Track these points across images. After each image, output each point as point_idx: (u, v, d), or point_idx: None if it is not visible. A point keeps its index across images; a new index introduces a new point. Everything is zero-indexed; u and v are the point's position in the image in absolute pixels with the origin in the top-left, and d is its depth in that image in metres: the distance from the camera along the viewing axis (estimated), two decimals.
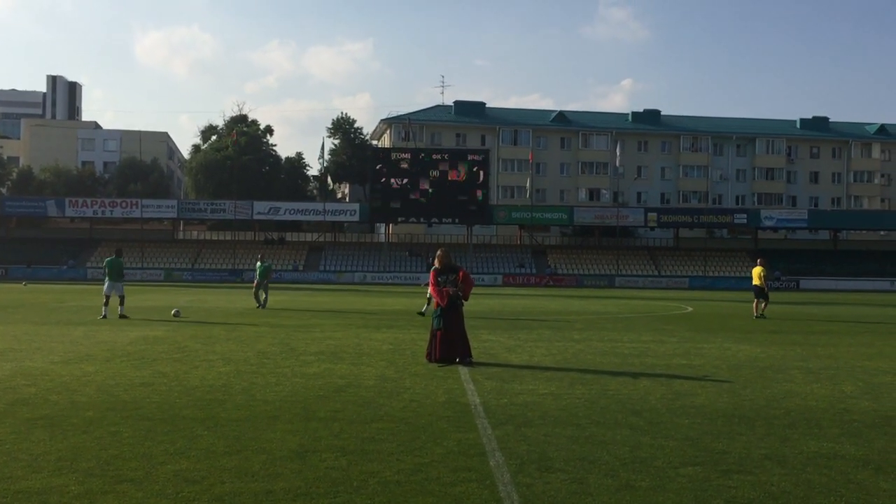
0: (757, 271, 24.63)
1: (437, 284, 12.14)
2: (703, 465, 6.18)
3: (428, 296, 23.41)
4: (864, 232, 75.59)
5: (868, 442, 7.13)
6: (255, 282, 25.53)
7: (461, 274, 12.22)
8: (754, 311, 24.50)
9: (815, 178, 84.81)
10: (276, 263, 64.79)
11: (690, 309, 29.53)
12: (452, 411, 8.15)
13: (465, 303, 12.24)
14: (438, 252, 12.54)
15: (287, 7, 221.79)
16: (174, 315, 20.78)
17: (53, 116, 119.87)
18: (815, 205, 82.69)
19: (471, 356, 12.05)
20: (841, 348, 15.36)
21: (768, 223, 67.74)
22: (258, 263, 25.73)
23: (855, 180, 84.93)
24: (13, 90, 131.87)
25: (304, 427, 7.29)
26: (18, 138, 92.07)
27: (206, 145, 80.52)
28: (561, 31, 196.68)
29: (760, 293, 24.44)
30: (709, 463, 6.26)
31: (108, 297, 20.22)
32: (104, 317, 19.91)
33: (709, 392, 9.65)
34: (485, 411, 8.17)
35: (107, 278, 20.45)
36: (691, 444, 6.89)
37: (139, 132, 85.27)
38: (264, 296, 25.09)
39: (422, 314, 22.55)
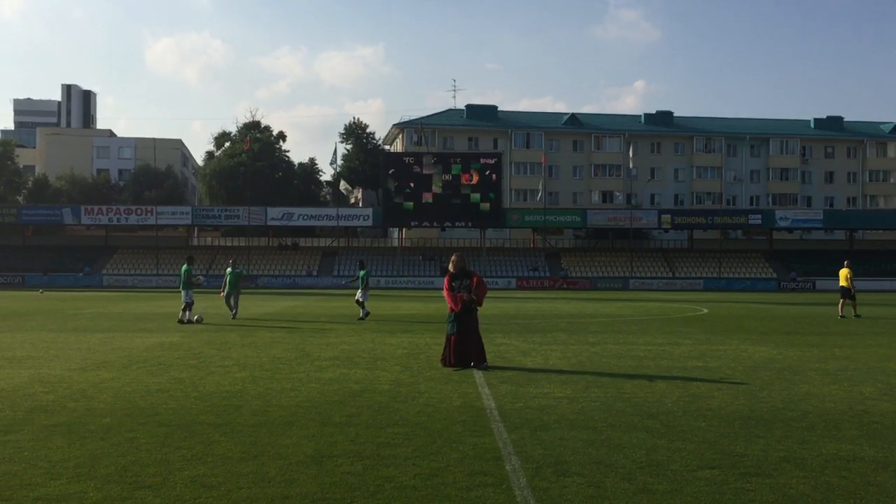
0: (844, 273, 25.43)
1: (451, 289, 12.11)
2: (721, 468, 6.15)
3: (356, 299, 23.25)
4: (880, 231, 74.96)
5: (888, 444, 7.07)
6: (225, 290, 23.02)
7: (475, 279, 12.19)
8: (840, 311, 25.27)
9: (829, 177, 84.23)
10: (290, 269, 65.13)
11: (705, 311, 29.38)
12: (468, 415, 8.15)
13: (479, 308, 12.22)
14: (453, 257, 12.50)
15: (297, 13, 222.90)
16: (196, 321, 20.95)
17: (69, 125, 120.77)
18: (831, 205, 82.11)
19: (486, 360, 12.04)
20: (859, 349, 15.24)
21: (783, 224, 67.31)
22: (228, 269, 23.35)
23: (870, 179, 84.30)
24: (28, 99, 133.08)
25: (320, 432, 7.31)
26: (34, 147, 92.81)
27: (219, 152, 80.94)
28: (571, 33, 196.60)
29: (847, 294, 25.19)
30: (726, 466, 6.22)
31: (187, 304, 21.17)
32: (189, 321, 20.81)
33: (725, 394, 9.60)
34: (500, 415, 8.16)
35: (181, 285, 21.52)
36: (708, 446, 6.85)
37: (153, 140, 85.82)
38: (234, 304, 22.89)
39: (362, 319, 22.49)
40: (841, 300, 25.49)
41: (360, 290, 23.15)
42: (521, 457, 6.43)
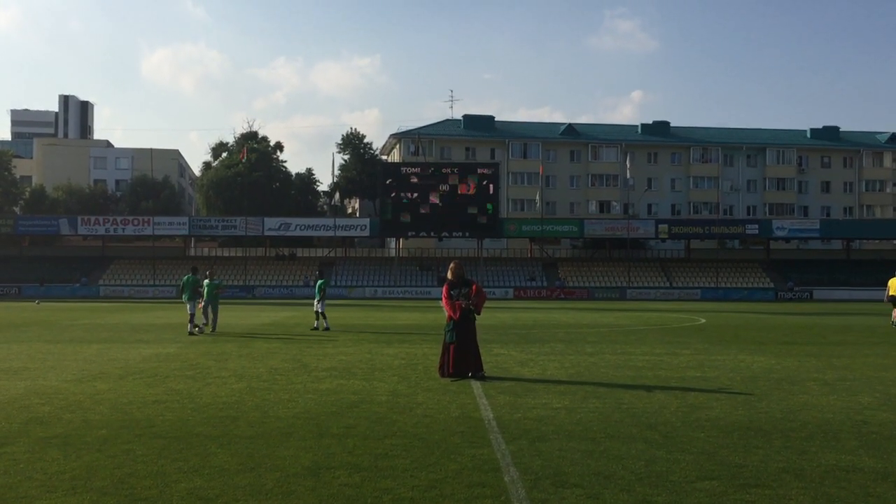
0: (894, 282, 25.30)
1: (449, 298, 12.08)
2: (720, 479, 6.12)
3: (315, 310, 23.08)
4: (877, 241, 75.10)
5: (887, 454, 7.05)
6: (202, 302, 21.68)
7: (474, 287, 12.17)
8: (893, 318, 25.52)
9: (826, 187, 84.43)
10: (287, 279, 65.00)
11: (703, 321, 29.37)
12: (466, 426, 8.12)
13: (477, 316, 12.20)
14: (451, 265, 12.48)
15: (294, 23, 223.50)
16: (197, 332, 20.91)
17: (66, 135, 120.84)
18: (827, 214, 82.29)
19: (483, 370, 12.00)
20: (857, 359, 15.24)
21: (780, 233, 67.38)
22: (206, 281, 22.28)
23: (867, 189, 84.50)
24: (26, 110, 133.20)
25: (318, 444, 7.27)
26: (31, 157, 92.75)
27: (216, 162, 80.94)
28: (568, 43, 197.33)
29: None
30: (726, 477, 6.20)
31: (192, 315, 20.79)
32: (191, 333, 20.40)
33: (724, 405, 9.58)
34: (498, 426, 8.13)
35: (185, 296, 21.10)
36: (707, 457, 6.83)
37: (150, 150, 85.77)
38: (213, 317, 21.64)
39: (315, 329, 22.51)
40: (894, 309, 25.60)
41: (316, 301, 23.03)
42: (519, 468, 6.40)
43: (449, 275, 12.37)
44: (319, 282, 23.28)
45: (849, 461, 6.75)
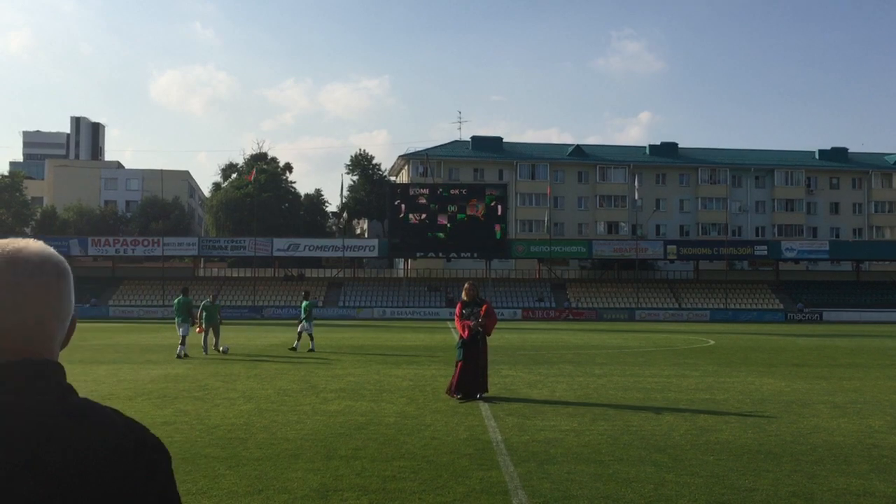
0: None
1: (461, 317, 12.22)
2: None
3: (299, 330, 23.16)
4: (886, 262, 74.73)
5: None
6: (202, 326, 21.22)
7: (484, 308, 12.28)
8: None
9: (835, 208, 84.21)
10: (294, 300, 65.06)
11: (712, 342, 29.25)
12: (474, 448, 8.10)
13: (488, 337, 12.28)
14: (466, 285, 12.67)
15: (302, 45, 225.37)
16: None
17: (77, 157, 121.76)
18: (837, 235, 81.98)
19: (486, 391, 12.01)
20: (867, 381, 15.14)
21: (789, 255, 67.16)
22: (203, 302, 21.83)
23: (876, 210, 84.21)
24: (38, 131, 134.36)
25: (326, 466, 7.27)
26: (43, 179, 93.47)
27: (226, 183, 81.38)
28: (575, 65, 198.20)
29: None
30: (735, 501, 6.17)
31: (184, 337, 20.54)
32: (185, 355, 20.02)
33: (733, 427, 9.53)
34: (507, 448, 8.11)
35: (178, 318, 20.87)
36: (717, 481, 6.80)
37: (161, 171, 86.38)
38: (215, 337, 21.52)
39: (293, 349, 22.50)
40: None
41: (303, 322, 23.04)
42: (528, 491, 6.38)
43: (463, 295, 12.51)
44: (304, 303, 23.39)
45: (860, 485, 6.71)
